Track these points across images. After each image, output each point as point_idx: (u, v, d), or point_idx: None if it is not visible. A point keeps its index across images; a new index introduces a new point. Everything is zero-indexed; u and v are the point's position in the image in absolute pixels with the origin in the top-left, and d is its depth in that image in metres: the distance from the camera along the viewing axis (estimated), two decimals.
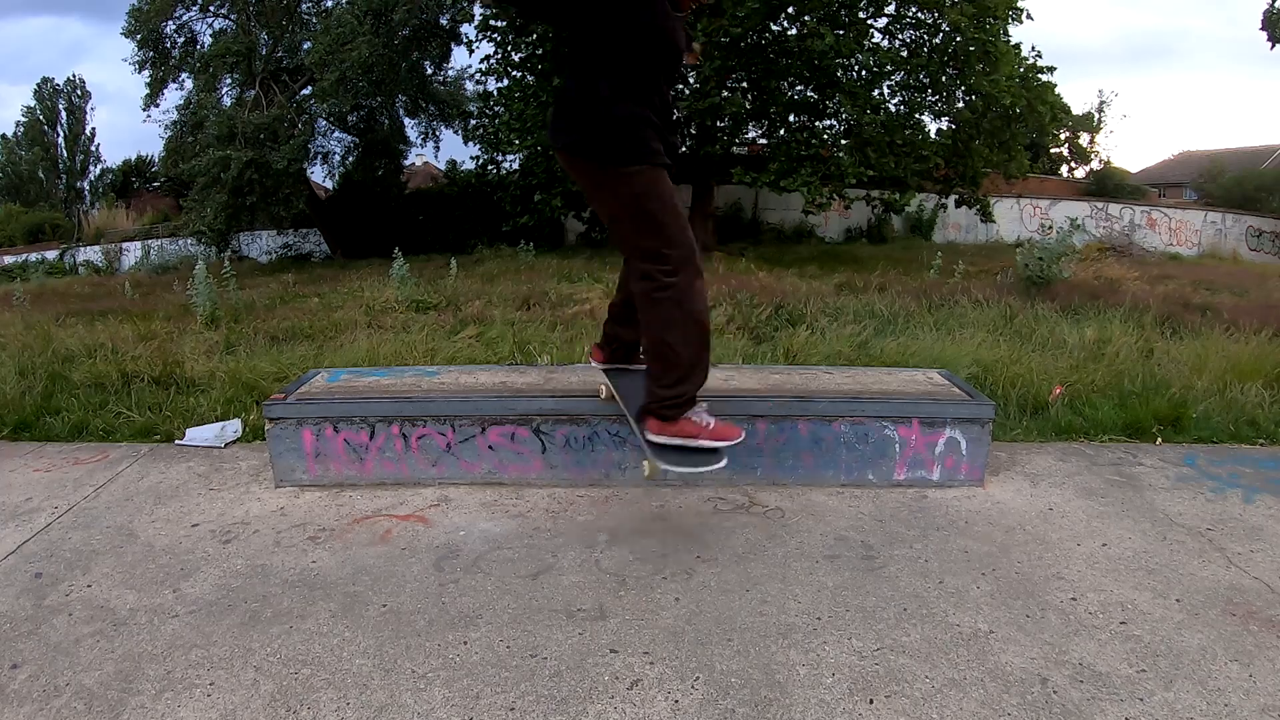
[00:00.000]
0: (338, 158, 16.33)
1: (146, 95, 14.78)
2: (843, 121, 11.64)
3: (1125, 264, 10.69)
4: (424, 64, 15.22)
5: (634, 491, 2.65)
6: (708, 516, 2.47)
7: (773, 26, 11.08)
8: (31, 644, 1.78)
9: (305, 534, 2.35)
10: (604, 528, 2.38)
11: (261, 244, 17.60)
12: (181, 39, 14.65)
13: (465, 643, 1.79)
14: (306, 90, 14.30)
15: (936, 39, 11.39)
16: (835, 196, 11.19)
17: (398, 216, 15.93)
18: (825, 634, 1.82)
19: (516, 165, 14.00)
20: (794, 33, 10.91)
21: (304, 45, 14.16)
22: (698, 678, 1.67)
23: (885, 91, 11.93)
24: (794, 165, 10.75)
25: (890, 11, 11.49)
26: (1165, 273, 9.83)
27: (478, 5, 13.37)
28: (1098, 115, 26.51)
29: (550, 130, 2.14)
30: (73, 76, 30.34)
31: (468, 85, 16.18)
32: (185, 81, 14.93)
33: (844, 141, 11.54)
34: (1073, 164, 26.76)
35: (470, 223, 15.30)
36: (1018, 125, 12.06)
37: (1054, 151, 26.03)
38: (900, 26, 11.72)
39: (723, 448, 2.09)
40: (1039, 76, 11.84)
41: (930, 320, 5.54)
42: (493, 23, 12.65)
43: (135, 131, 70.83)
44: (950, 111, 12.25)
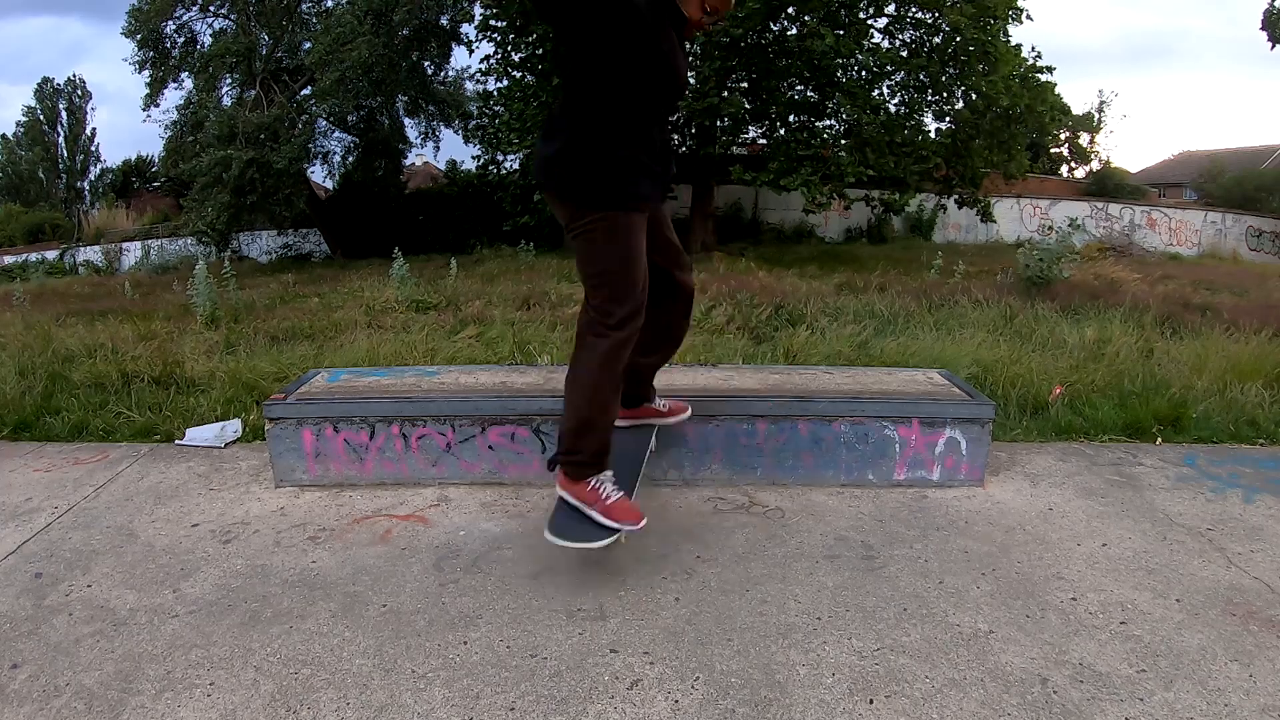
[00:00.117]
0: (338, 158, 16.41)
1: (146, 95, 14.84)
2: (843, 122, 11.64)
3: (1125, 264, 10.69)
4: (424, 64, 15.25)
5: None
6: (708, 516, 2.47)
7: (773, 26, 11.08)
8: (31, 644, 1.78)
9: (305, 534, 2.35)
10: None
11: (261, 244, 17.61)
12: (181, 39, 14.70)
13: (465, 643, 1.79)
14: (306, 90, 14.32)
15: (936, 39, 11.40)
16: (835, 196, 11.19)
17: (398, 216, 15.94)
18: (825, 634, 1.82)
19: (516, 165, 14.00)
20: (794, 33, 10.91)
21: (304, 45, 14.19)
22: (698, 678, 1.67)
23: (885, 92, 11.94)
24: (794, 165, 10.76)
25: (890, 12, 11.50)
26: (1165, 273, 9.82)
27: (478, 5, 13.37)
28: (1098, 115, 26.58)
29: (536, 166, 2.05)
30: (73, 76, 30.40)
31: (468, 85, 16.24)
32: (185, 81, 14.99)
33: (844, 141, 11.55)
34: (1073, 164, 26.79)
35: (470, 223, 15.31)
36: (1017, 125, 12.07)
37: (1054, 151, 26.06)
38: (900, 26, 11.73)
39: (613, 527, 1.91)
40: (1039, 77, 11.84)
41: (930, 320, 5.54)
42: (493, 23, 12.65)
43: (135, 131, 70.94)
44: (950, 111, 12.26)
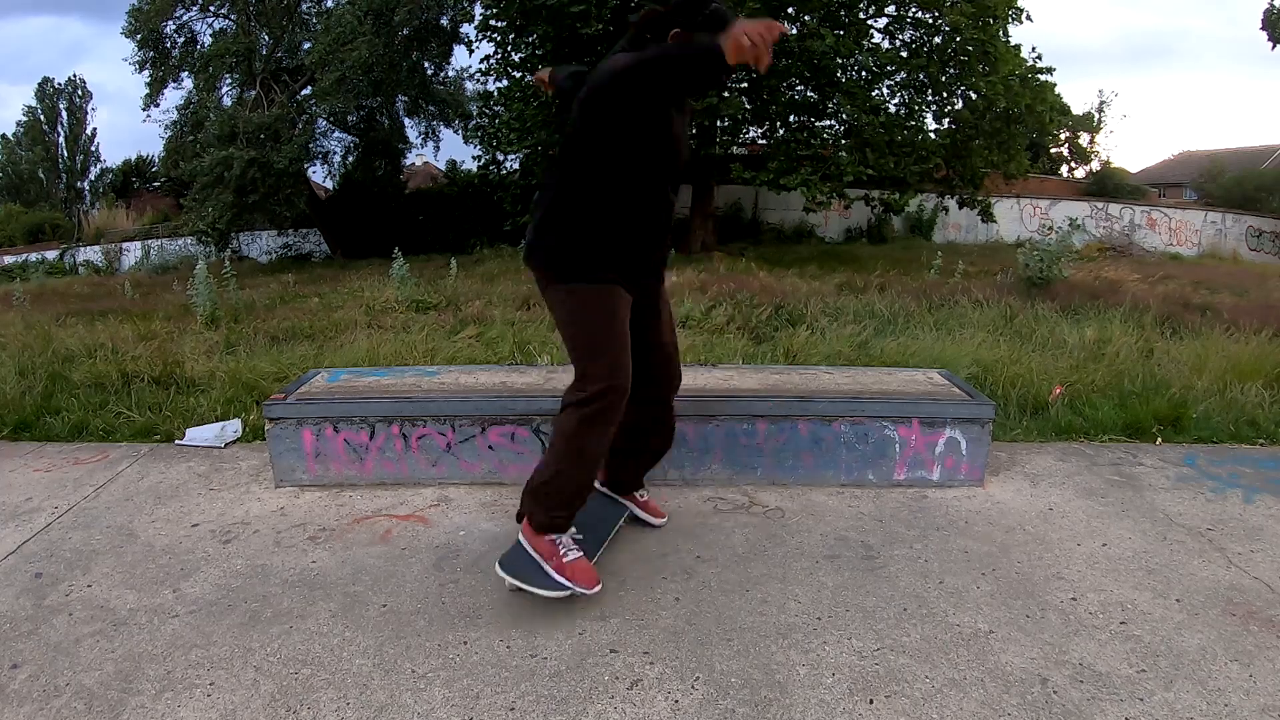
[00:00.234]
0: (338, 158, 16.40)
1: (146, 95, 14.82)
2: (843, 122, 11.63)
3: (1125, 264, 10.68)
4: (424, 64, 15.24)
5: None
6: (708, 516, 2.47)
7: None
8: (31, 644, 1.78)
9: (305, 534, 2.35)
10: None
11: (261, 244, 17.59)
12: (181, 39, 14.69)
13: (465, 643, 1.79)
14: (307, 90, 14.32)
15: (936, 39, 11.38)
16: (835, 195, 11.18)
17: (398, 216, 15.92)
18: (825, 634, 1.82)
19: (516, 165, 14.00)
20: (794, 33, 10.90)
21: (304, 45, 14.18)
22: (698, 678, 1.67)
23: (885, 92, 11.93)
24: (793, 164, 10.75)
25: (890, 12, 11.49)
26: (1165, 273, 9.81)
27: (478, 5, 13.35)
28: (1098, 115, 26.50)
29: (526, 243, 2.02)
30: (73, 76, 30.38)
31: (468, 85, 16.24)
32: (185, 81, 14.99)
33: (844, 141, 11.54)
34: (1073, 164, 26.74)
35: (470, 223, 15.29)
36: (1017, 125, 12.05)
37: (1054, 151, 26.01)
38: (900, 27, 11.71)
39: (565, 585, 1.86)
40: (1039, 78, 11.84)
41: (930, 320, 5.54)
42: (493, 23, 12.64)
43: (135, 131, 70.89)
44: (950, 112, 12.25)
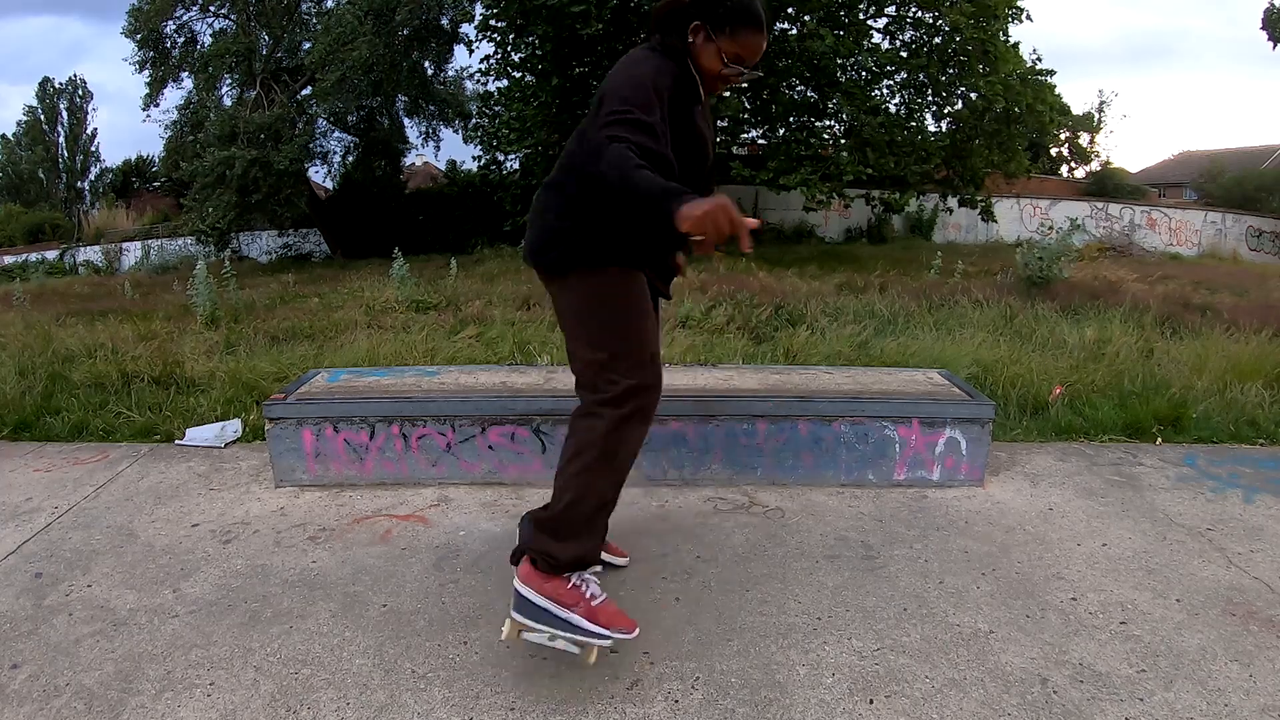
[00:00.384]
0: (338, 158, 16.41)
1: (146, 95, 14.85)
2: (843, 122, 11.63)
3: (1125, 264, 10.68)
4: (424, 64, 15.25)
5: (633, 491, 2.63)
6: (708, 516, 2.47)
7: (773, 27, 11.08)
8: (31, 644, 1.78)
9: (305, 534, 2.35)
10: None
11: (261, 244, 17.58)
12: (181, 39, 14.71)
13: (465, 643, 1.79)
14: (307, 90, 14.32)
15: (936, 39, 11.39)
16: (834, 195, 11.18)
17: (398, 216, 15.92)
18: (825, 634, 1.82)
19: (516, 165, 14.00)
20: (794, 33, 10.90)
21: (304, 45, 14.19)
22: (698, 678, 1.67)
23: (885, 92, 11.93)
24: (793, 164, 10.75)
25: (890, 12, 11.49)
26: (1165, 273, 9.82)
27: (479, 5, 13.36)
28: (1098, 115, 26.49)
29: (527, 244, 1.76)
30: (74, 76, 30.44)
31: (468, 85, 16.24)
32: (185, 81, 15.01)
33: (844, 142, 11.54)
34: (1073, 164, 26.74)
35: (470, 223, 15.28)
36: (1017, 125, 12.06)
37: (1054, 151, 26.00)
38: (900, 27, 11.72)
39: (601, 634, 1.57)
40: (1039, 78, 11.84)
41: (930, 320, 5.54)
42: (493, 23, 12.64)
43: (135, 131, 70.95)
44: (950, 112, 12.25)
